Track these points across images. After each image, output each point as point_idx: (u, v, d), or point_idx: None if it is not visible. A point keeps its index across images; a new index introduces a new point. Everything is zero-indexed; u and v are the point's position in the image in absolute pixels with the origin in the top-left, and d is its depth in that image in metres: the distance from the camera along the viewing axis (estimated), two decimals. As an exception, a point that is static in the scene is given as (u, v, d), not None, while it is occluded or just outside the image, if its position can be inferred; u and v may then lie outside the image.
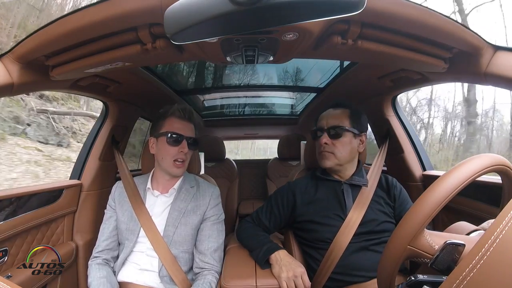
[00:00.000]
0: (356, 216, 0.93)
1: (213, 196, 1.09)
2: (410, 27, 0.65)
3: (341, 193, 1.00)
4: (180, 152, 0.98)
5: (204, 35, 0.43)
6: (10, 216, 0.93)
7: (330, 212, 0.97)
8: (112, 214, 1.05)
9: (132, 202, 1.02)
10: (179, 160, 0.99)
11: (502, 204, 0.60)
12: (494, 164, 0.50)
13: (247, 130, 2.97)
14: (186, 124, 1.02)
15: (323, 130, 1.00)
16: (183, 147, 0.98)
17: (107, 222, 1.05)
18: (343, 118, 1.01)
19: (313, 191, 1.03)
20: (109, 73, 1.03)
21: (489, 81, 0.75)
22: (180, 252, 0.99)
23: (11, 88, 0.73)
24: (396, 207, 1.00)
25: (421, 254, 0.48)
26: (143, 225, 0.98)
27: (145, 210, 1.01)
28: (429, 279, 0.47)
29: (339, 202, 0.99)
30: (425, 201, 0.47)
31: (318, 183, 1.06)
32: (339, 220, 0.95)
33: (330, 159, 0.99)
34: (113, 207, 1.06)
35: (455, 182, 0.46)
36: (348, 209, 0.96)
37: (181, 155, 0.98)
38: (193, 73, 1.77)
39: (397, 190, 1.02)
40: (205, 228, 1.03)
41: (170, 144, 0.98)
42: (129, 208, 1.02)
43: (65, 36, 0.64)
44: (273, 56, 0.75)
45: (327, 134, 0.99)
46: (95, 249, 1.01)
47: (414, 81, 1.06)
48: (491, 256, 0.33)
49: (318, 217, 0.97)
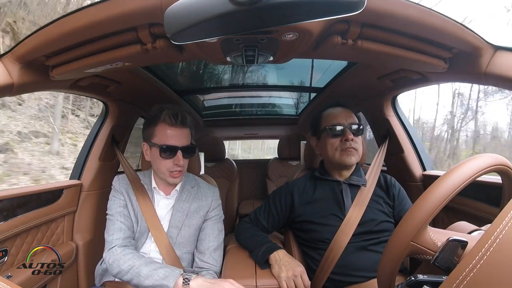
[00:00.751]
0: (355, 216, 0.93)
1: (215, 197, 1.08)
2: (410, 27, 0.65)
3: (340, 193, 1.00)
4: (175, 164, 0.92)
5: (204, 35, 0.43)
6: (10, 216, 0.93)
7: (328, 212, 0.97)
8: (120, 201, 0.97)
9: (140, 202, 0.99)
10: (175, 171, 0.94)
11: (502, 204, 0.60)
12: (494, 164, 0.50)
13: (247, 130, 2.97)
14: (179, 130, 0.93)
15: (345, 127, 0.99)
16: (178, 159, 0.92)
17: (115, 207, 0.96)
18: (354, 117, 1.02)
19: (312, 191, 1.03)
20: (109, 73, 1.03)
21: (489, 81, 0.75)
22: (183, 253, 0.99)
23: (11, 88, 0.73)
24: (395, 206, 1.00)
25: (424, 251, 0.48)
26: (149, 225, 0.97)
27: (152, 210, 0.99)
28: (429, 279, 0.47)
29: (338, 202, 0.98)
30: (429, 197, 0.47)
31: (316, 183, 1.05)
32: (338, 220, 0.95)
33: (355, 155, 0.98)
34: (122, 199, 0.98)
35: (455, 182, 0.47)
36: (347, 209, 0.96)
37: (177, 167, 0.93)
38: (193, 73, 1.76)
39: (396, 190, 1.02)
40: (206, 227, 1.03)
41: (163, 157, 0.91)
42: (136, 207, 0.99)
43: (65, 36, 0.64)
44: (273, 56, 0.74)
45: (350, 130, 0.98)
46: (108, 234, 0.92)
47: (414, 81, 1.06)
48: (491, 256, 0.33)
49: (316, 217, 0.97)
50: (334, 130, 1.00)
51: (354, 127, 0.99)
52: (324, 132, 1.03)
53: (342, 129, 0.98)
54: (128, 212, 0.97)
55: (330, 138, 1.00)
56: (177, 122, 0.92)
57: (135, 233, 0.98)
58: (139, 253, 0.90)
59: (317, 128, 1.07)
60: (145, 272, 0.81)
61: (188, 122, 0.96)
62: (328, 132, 1.01)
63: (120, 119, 1.36)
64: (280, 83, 1.91)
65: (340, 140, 0.98)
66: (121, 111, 1.35)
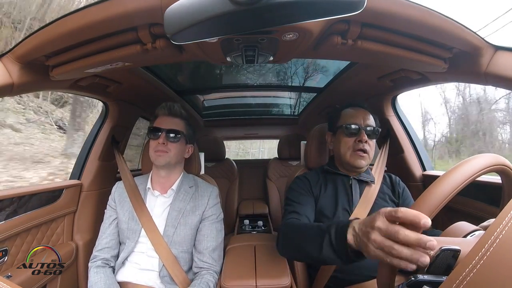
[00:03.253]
0: (362, 213, 0.93)
1: (212, 195, 1.09)
2: (410, 27, 0.65)
3: (349, 187, 1.01)
4: (158, 143, 1.01)
5: (204, 35, 0.43)
6: (10, 216, 0.93)
7: (339, 206, 0.97)
8: (112, 213, 1.06)
9: (133, 202, 1.03)
10: (159, 150, 1.01)
11: (502, 204, 0.60)
12: (494, 164, 0.50)
13: (247, 130, 2.97)
14: (169, 119, 1.05)
15: (361, 128, 0.98)
16: (160, 138, 1.01)
17: (107, 221, 1.05)
18: (372, 119, 1.01)
19: (324, 185, 1.03)
20: (109, 73, 1.03)
21: (489, 81, 0.75)
22: (180, 252, 0.99)
23: (11, 88, 0.73)
24: (400, 204, 1.00)
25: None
26: (143, 225, 0.99)
27: (146, 210, 1.01)
28: (429, 279, 0.47)
29: (347, 196, 0.99)
30: (429, 197, 0.46)
31: (326, 177, 1.05)
32: (347, 215, 0.95)
33: (366, 159, 0.97)
34: (113, 207, 1.07)
35: (455, 182, 0.46)
36: (354, 204, 0.96)
37: (160, 146, 1.01)
38: (193, 73, 1.76)
39: (401, 188, 1.04)
40: (203, 227, 1.03)
41: (151, 138, 1.04)
42: (129, 208, 1.03)
43: (65, 36, 0.64)
44: (273, 56, 0.75)
45: (365, 132, 0.97)
46: (95, 248, 1.02)
47: (414, 81, 1.06)
48: (491, 256, 0.33)
49: (327, 210, 0.97)
50: (350, 129, 0.99)
51: (370, 129, 0.98)
52: (340, 129, 1.03)
53: (358, 129, 0.98)
54: (116, 221, 1.06)
55: (345, 136, 1.00)
56: (170, 112, 1.06)
57: (128, 233, 1.00)
58: (105, 282, 0.93)
59: (334, 124, 1.07)
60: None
61: (179, 113, 1.08)
62: (344, 130, 1.01)
63: (120, 119, 1.36)
64: (280, 83, 1.91)
65: (354, 140, 0.98)
66: (121, 111, 1.35)
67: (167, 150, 1.02)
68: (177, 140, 1.04)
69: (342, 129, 1.01)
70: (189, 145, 1.13)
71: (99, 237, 1.04)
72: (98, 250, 1.01)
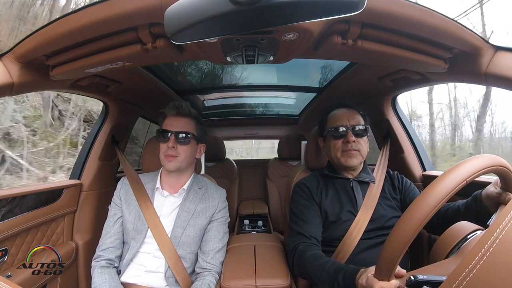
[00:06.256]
0: (366, 212, 0.94)
1: (221, 198, 1.09)
2: (410, 27, 0.65)
3: (351, 190, 1.01)
4: (168, 147, 0.98)
5: (204, 35, 0.43)
6: (10, 215, 0.93)
7: (343, 209, 0.97)
8: (116, 211, 1.03)
9: (140, 202, 1.01)
10: (168, 154, 0.99)
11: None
12: (492, 165, 0.50)
13: (247, 130, 2.97)
14: (178, 119, 1.02)
15: (347, 128, 0.99)
16: (170, 142, 0.98)
17: (111, 220, 1.02)
18: (359, 117, 1.02)
19: (324, 190, 1.03)
20: (109, 73, 1.03)
21: (489, 81, 0.75)
22: (187, 253, 0.98)
23: (11, 88, 0.73)
24: (402, 199, 1.01)
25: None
26: (150, 225, 0.97)
27: (153, 210, 1.00)
28: (429, 279, 0.47)
29: (350, 199, 0.99)
30: (427, 197, 0.46)
31: (327, 181, 1.05)
32: (352, 216, 0.95)
33: (357, 157, 0.98)
34: (119, 204, 1.04)
35: (453, 182, 0.46)
36: (359, 205, 0.97)
37: (170, 150, 0.98)
38: (193, 73, 1.76)
39: (401, 182, 1.05)
40: (212, 228, 1.03)
41: (160, 141, 1.02)
42: (136, 207, 1.00)
43: (65, 36, 0.64)
44: (273, 56, 0.75)
45: (352, 132, 0.98)
46: (99, 248, 1.00)
47: (414, 81, 1.06)
48: (491, 256, 0.33)
49: (332, 216, 0.96)
50: (337, 132, 1.01)
51: (357, 128, 0.99)
52: (328, 133, 1.04)
53: (344, 131, 0.99)
54: (121, 220, 1.02)
55: (333, 139, 1.02)
56: (179, 112, 1.03)
57: (134, 233, 0.98)
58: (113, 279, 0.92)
59: (323, 129, 1.08)
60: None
61: (188, 113, 1.04)
62: (331, 133, 1.02)
63: (120, 119, 1.36)
64: (280, 83, 1.90)
65: (342, 142, 0.99)
66: (121, 111, 1.35)
67: (177, 155, 0.99)
68: (187, 142, 1.01)
69: (330, 132, 1.03)
70: (200, 144, 1.11)
71: (103, 236, 1.01)
72: (102, 249, 0.98)
